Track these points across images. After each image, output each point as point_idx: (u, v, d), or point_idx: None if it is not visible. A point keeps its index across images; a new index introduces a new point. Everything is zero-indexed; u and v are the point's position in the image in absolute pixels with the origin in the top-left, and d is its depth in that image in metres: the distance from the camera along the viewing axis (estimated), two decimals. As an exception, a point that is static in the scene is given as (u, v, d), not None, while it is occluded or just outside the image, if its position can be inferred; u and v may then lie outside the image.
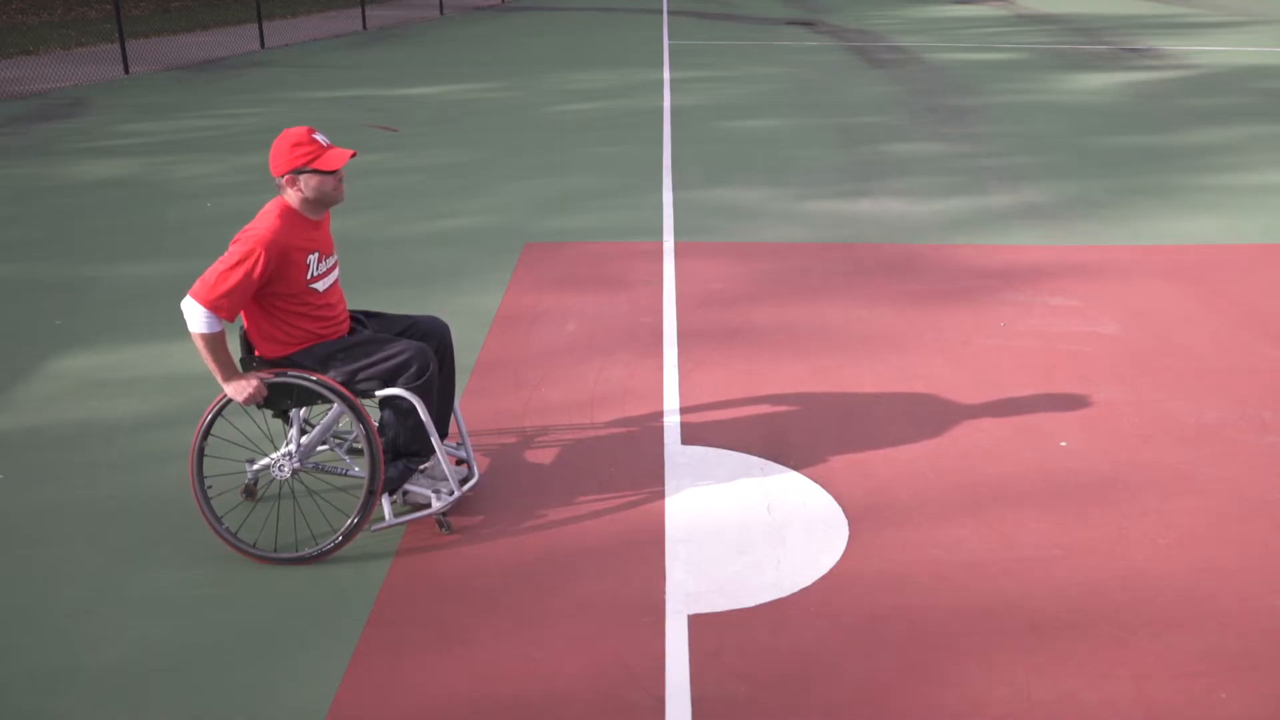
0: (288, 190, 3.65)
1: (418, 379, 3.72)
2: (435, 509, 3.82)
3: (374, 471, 3.65)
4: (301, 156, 3.60)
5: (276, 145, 3.63)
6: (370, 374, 3.72)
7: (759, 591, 3.52)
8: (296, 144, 3.60)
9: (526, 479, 4.23)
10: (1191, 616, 3.38)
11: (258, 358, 3.78)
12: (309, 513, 3.99)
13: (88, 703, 3.03)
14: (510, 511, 4.00)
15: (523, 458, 4.40)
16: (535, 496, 4.11)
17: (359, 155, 10.19)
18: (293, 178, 3.62)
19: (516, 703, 3.02)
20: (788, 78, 15.37)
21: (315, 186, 3.64)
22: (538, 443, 4.53)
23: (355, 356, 3.73)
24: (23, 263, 6.98)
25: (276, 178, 3.64)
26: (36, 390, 5.07)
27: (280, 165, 3.62)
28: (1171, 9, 27.80)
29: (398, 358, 3.71)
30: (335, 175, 3.65)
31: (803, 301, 6.20)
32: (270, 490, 4.17)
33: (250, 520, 3.96)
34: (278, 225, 3.60)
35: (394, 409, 3.78)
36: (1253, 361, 5.34)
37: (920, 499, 4.08)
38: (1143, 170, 9.49)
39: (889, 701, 3.02)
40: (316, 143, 3.62)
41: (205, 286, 3.50)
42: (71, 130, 11.48)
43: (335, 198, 3.69)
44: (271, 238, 3.56)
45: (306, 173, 3.62)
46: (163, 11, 26.92)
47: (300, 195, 3.66)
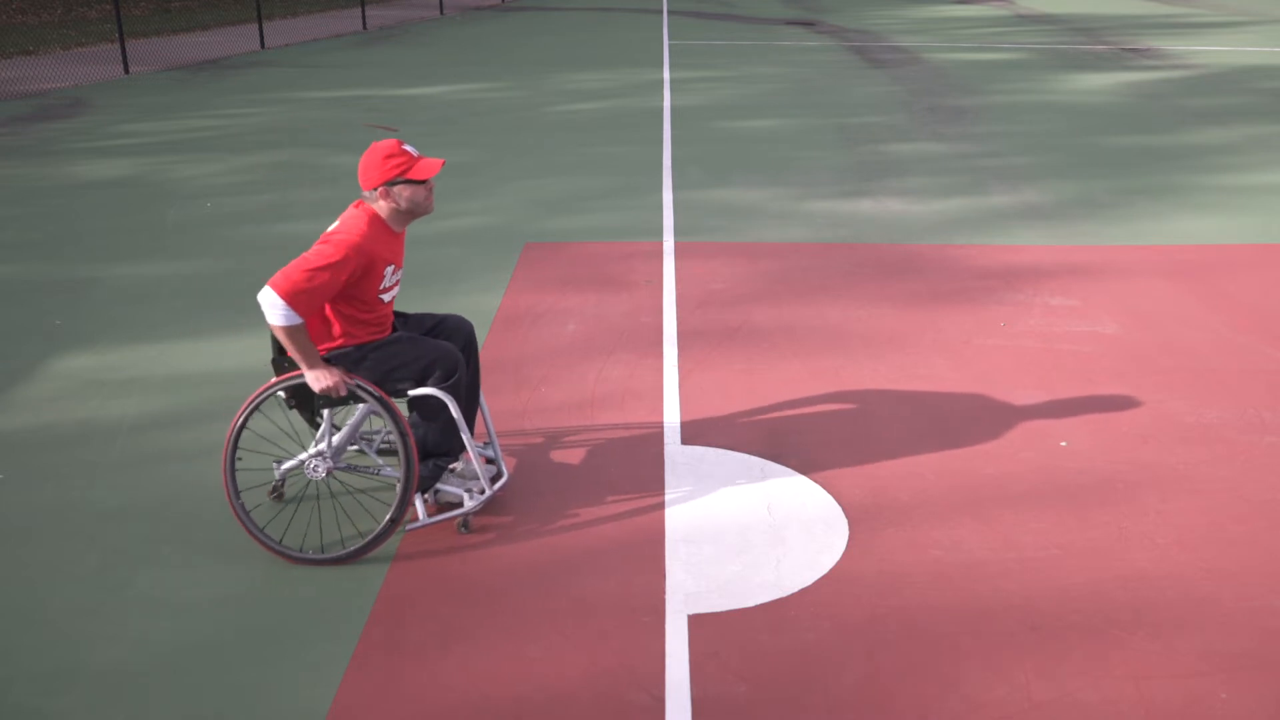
0: (380, 202, 3.66)
1: (447, 379, 3.74)
2: (468, 509, 3.82)
3: (409, 472, 3.65)
4: (395, 168, 3.61)
5: (367, 159, 3.64)
6: (402, 374, 3.73)
7: (759, 591, 3.52)
8: (389, 156, 3.62)
9: (526, 479, 4.23)
10: (1191, 616, 3.38)
11: (289, 357, 3.76)
12: (338, 513, 3.99)
13: (88, 703, 3.03)
14: (510, 511, 4.00)
15: (523, 458, 4.40)
16: (535, 497, 4.11)
17: (359, 156, 10.19)
18: (386, 190, 3.64)
19: (516, 703, 3.02)
20: (788, 78, 15.37)
21: (409, 197, 3.66)
22: (537, 443, 4.53)
23: (387, 356, 3.73)
24: (23, 263, 6.98)
25: (368, 190, 3.65)
26: (36, 390, 5.08)
27: (373, 178, 3.63)
28: (1171, 9, 27.80)
29: (426, 358, 3.72)
30: (427, 185, 3.67)
31: (803, 301, 6.20)
32: (297, 490, 4.17)
33: (278, 519, 3.95)
34: (367, 232, 3.61)
35: (425, 408, 3.79)
36: (1253, 361, 5.34)
37: (920, 499, 4.08)
38: (1143, 170, 9.49)
39: (889, 701, 3.02)
40: (408, 154, 3.64)
41: (287, 279, 3.48)
42: (71, 130, 11.48)
43: (426, 208, 3.71)
44: (362, 243, 3.57)
45: (400, 184, 3.63)
46: (163, 11, 26.92)
47: (392, 206, 3.67)
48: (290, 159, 10.04)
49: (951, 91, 14.05)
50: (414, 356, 3.73)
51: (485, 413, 4.08)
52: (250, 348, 5.55)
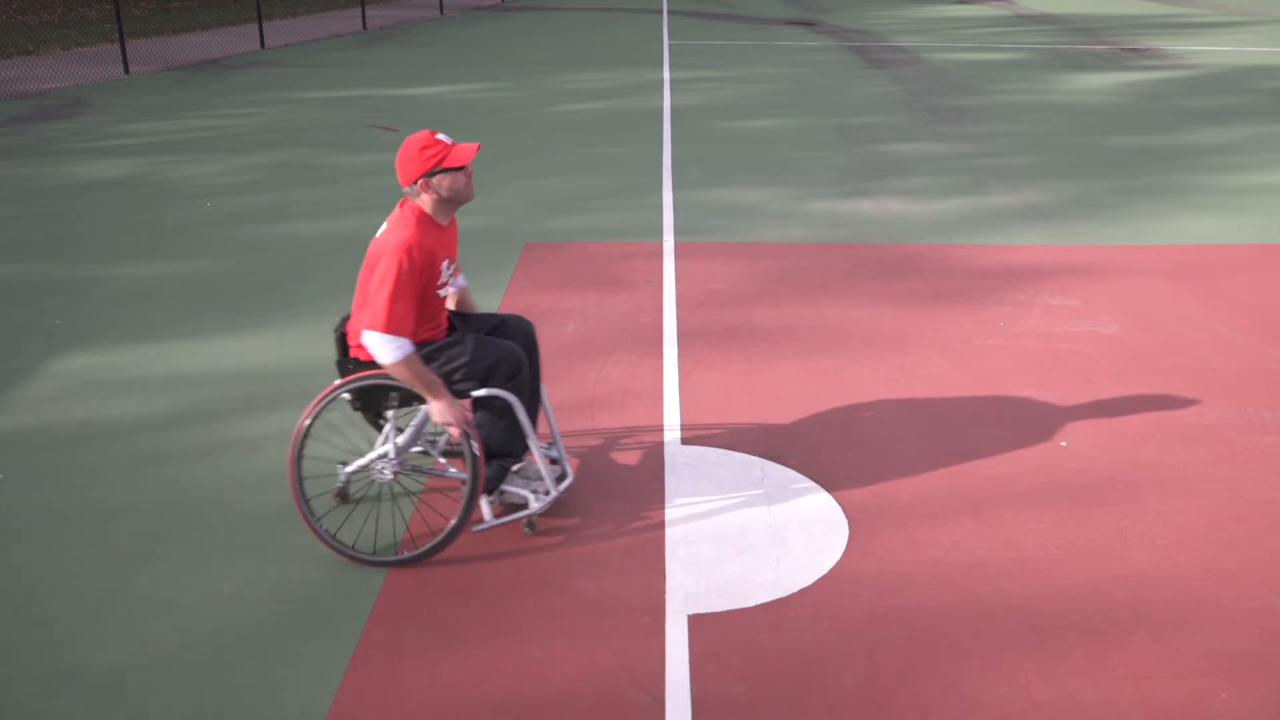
0: (421, 195, 3.63)
1: (510, 379, 3.71)
2: (534, 510, 3.80)
3: (475, 473, 3.62)
4: (431, 159, 3.58)
5: (403, 153, 3.61)
6: (466, 374, 3.70)
7: (759, 591, 3.52)
8: (424, 147, 3.59)
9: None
10: (1191, 616, 3.38)
11: (353, 359, 3.75)
12: (396, 515, 3.97)
13: (88, 703, 3.03)
14: (510, 512, 4.00)
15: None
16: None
17: (359, 156, 10.19)
18: (425, 182, 3.61)
19: (517, 703, 3.02)
20: (788, 78, 15.38)
21: (449, 185, 3.63)
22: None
23: (451, 357, 3.70)
24: (23, 263, 6.98)
25: (408, 186, 3.62)
26: (36, 390, 5.08)
27: (411, 172, 3.60)
28: (1171, 9, 27.80)
29: (490, 358, 3.70)
30: (465, 171, 3.64)
31: (803, 301, 6.21)
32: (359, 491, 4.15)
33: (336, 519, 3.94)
34: (416, 229, 3.59)
35: (489, 409, 3.76)
36: (1253, 361, 5.34)
37: (920, 499, 4.08)
38: (1143, 170, 9.49)
39: (889, 701, 3.02)
40: (441, 142, 3.61)
41: (378, 313, 3.49)
42: (71, 130, 11.48)
43: (467, 195, 3.68)
44: (414, 240, 3.55)
45: (439, 173, 3.60)
46: (163, 11, 26.92)
47: (434, 198, 3.64)
48: (290, 159, 10.04)
49: (951, 91, 14.05)
50: (477, 357, 3.70)
51: (549, 412, 4.04)
52: (250, 348, 5.56)
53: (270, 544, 3.81)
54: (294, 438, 3.71)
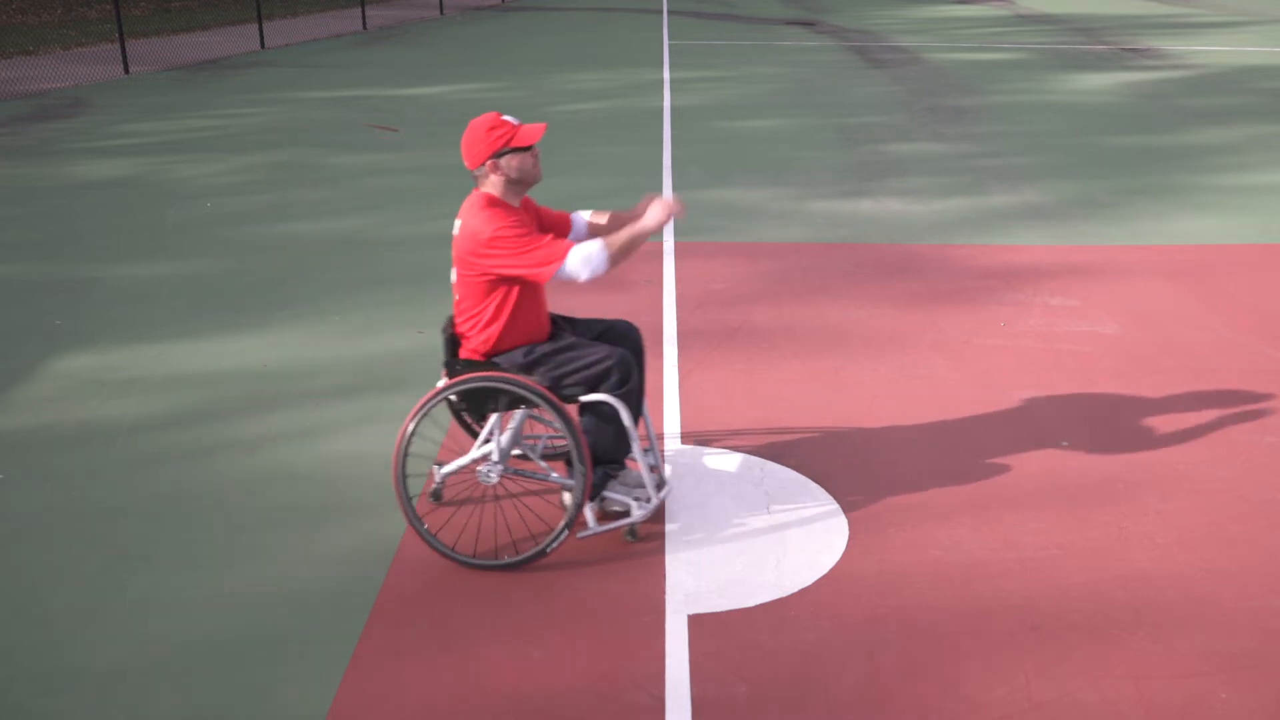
0: (490, 177, 3.61)
1: (621, 386, 3.67)
2: (637, 517, 3.77)
3: (583, 479, 3.59)
4: (498, 139, 3.56)
5: (470, 135, 3.59)
6: (575, 379, 3.67)
7: (759, 591, 3.52)
8: (491, 128, 3.57)
9: (527, 479, 4.23)
10: (1191, 616, 3.38)
11: (462, 360, 3.73)
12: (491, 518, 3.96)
13: (88, 703, 3.03)
14: (511, 511, 4.00)
15: (446, 453, 4.40)
16: (536, 496, 4.10)
17: (359, 156, 10.20)
18: (494, 163, 3.58)
19: (517, 703, 3.02)
20: (788, 78, 15.38)
21: (517, 166, 3.60)
22: (538, 444, 4.53)
23: (561, 362, 3.68)
24: (23, 263, 6.98)
25: (475, 168, 3.60)
26: (36, 390, 5.08)
27: (478, 154, 3.58)
28: (1171, 9, 27.80)
29: (602, 364, 3.65)
30: (533, 151, 3.62)
31: (803, 301, 6.21)
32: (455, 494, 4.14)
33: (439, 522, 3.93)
34: (495, 209, 3.57)
35: (596, 415, 3.71)
36: (1253, 361, 5.34)
37: (920, 499, 4.08)
38: (1142, 170, 9.49)
39: (889, 701, 3.02)
40: (508, 123, 3.58)
41: (543, 259, 3.50)
42: (71, 130, 11.48)
43: (535, 175, 3.65)
44: (499, 214, 3.54)
45: (507, 154, 3.58)
46: (163, 11, 26.92)
47: (503, 179, 3.61)
48: (290, 159, 10.04)
49: (951, 91, 14.05)
50: (589, 362, 3.66)
51: (648, 420, 3.98)
52: (250, 348, 5.56)
53: (270, 544, 3.81)
54: (398, 441, 3.66)
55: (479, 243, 3.55)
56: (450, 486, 4.17)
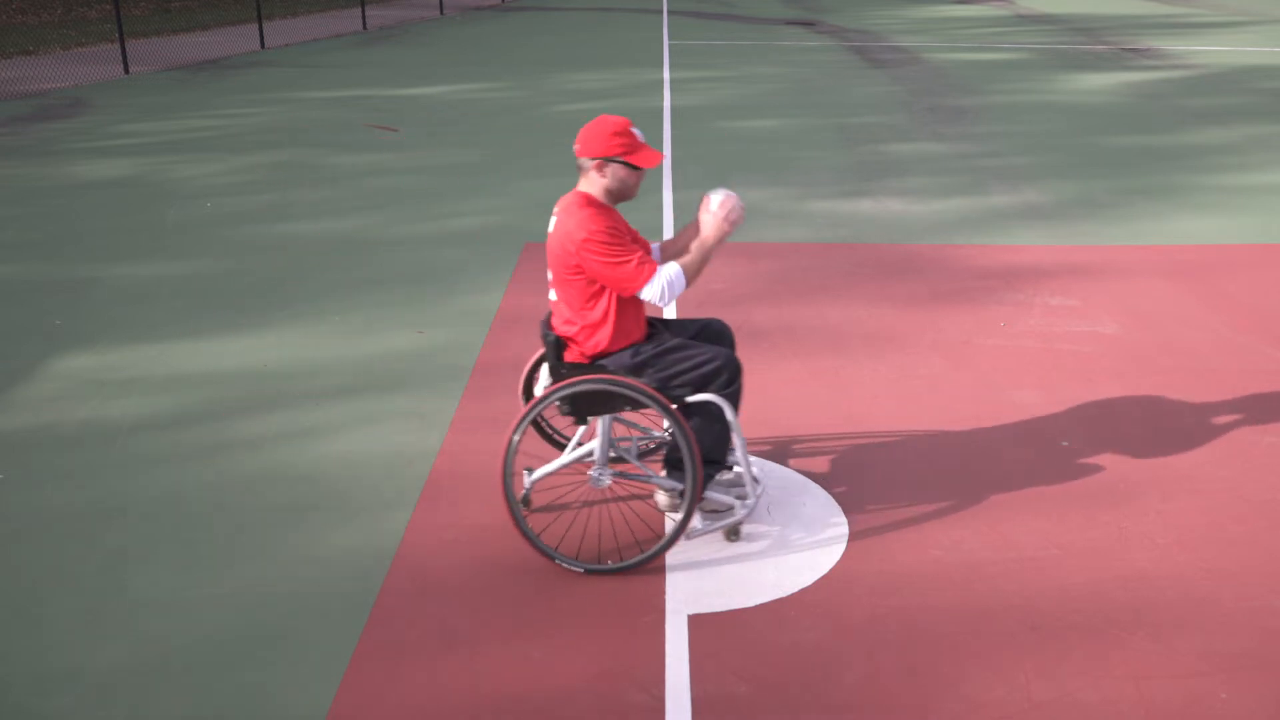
0: (591, 173, 3.61)
1: (728, 385, 3.66)
2: (740, 517, 3.76)
3: (694, 480, 3.57)
4: (619, 146, 3.56)
5: (595, 129, 3.58)
6: (684, 380, 3.66)
7: (759, 591, 3.52)
8: (617, 133, 3.56)
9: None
10: (1191, 616, 3.38)
11: (568, 364, 3.71)
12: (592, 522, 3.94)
13: (88, 703, 3.03)
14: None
15: (523, 458, 4.40)
16: (535, 496, 4.11)
17: (359, 156, 10.19)
18: (602, 164, 3.58)
19: (516, 703, 3.02)
20: (788, 78, 15.38)
21: (622, 179, 3.61)
22: (537, 443, 4.53)
23: (670, 362, 3.66)
24: (23, 263, 6.98)
25: (584, 158, 3.59)
26: (36, 390, 5.08)
27: (595, 148, 3.57)
28: (1171, 9, 27.80)
29: (710, 364, 3.64)
30: (641, 174, 3.63)
31: (803, 301, 6.21)
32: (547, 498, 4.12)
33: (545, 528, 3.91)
34: (592, 209, 3.57)
35: (701, 415, 3.69)
36: (1253, 361, 5.34)
37: (920, 499, 4.08)
38: (1143, 170, 9.49)
39: (889, 701, 3.02)
40: (634, 136, 3.58)
41: (631, 276, 3.52)
42: (71, 130, 11.48)
43: (631, 194, 3.66)
44: (596, 216, 3.53)
45: (618, 163, 3.58)
46: (163, 11, 26.93)
47: (603, 182, 3.61)
48: (290, 159, 10.04)
49: (951, 91, 14.05)
50: (698, 362, 3.65)
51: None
52: (250, 348, 5.56)
53: (270, 544, 3.81)
54: (504, 451, 3.62)
55: (574, 242, 3.54)
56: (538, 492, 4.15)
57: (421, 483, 4.21)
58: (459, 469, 4.31)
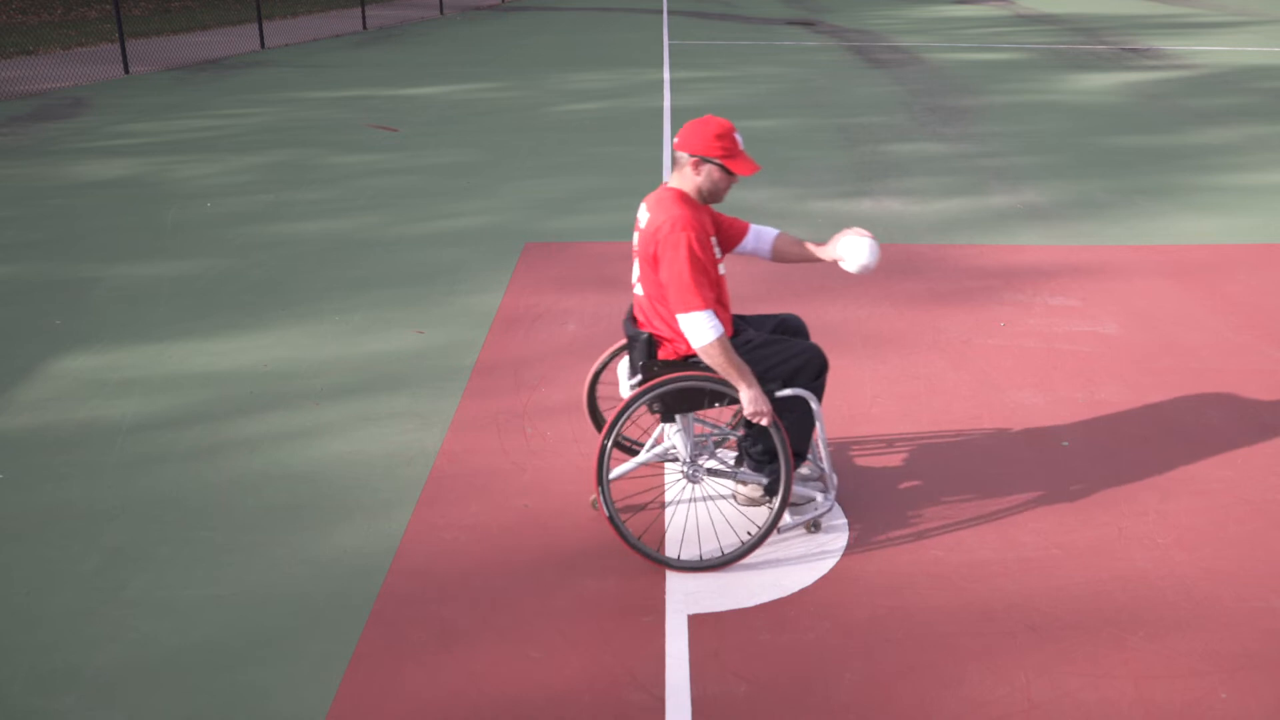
0: (687, 169, 3.60)
1: (815, 379, 3.69)
2: (821, 510, 3.79)
3: (787, 475, 3.59)
4: (719, 149, 3.56)
5: (699, 127, 3.57)
6: (772, 376, 3.67)
7: (759, 591, 3.52)
8: (720, 135, 3.56)
9: (526, 479, 4.23)
10: (1191, 616, 3.38)
11: (661, 362, 3.70)
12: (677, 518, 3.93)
13: (88, 703, 3.03)
14: (511, 512, 4.00)
15: (523, 458, 4.41)
16: (535, 496, 4.11)
17: (359, 156, 10.19)
18: (699, 163, 3.58)
19: (516, 703, 3.02)
20: (788, 78, 15.38)
21: (715, 181, 3.61)
22: (537, 443, 4.53)
23: (761, 358, 3.66)
24: (23, 263, 6.98)
25: (682, 153, 3.58)
26: (36, 390, 5.08)
27: (696, 146, 3.56)
28: (1171, 9, 27.80)
29: (798, 359, 3.67)
30: (734, 179, 3.64)
31: (802, 301, 6.20)
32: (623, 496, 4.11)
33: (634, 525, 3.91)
34: (684, 208, 3.55)
35: (789, 409, 3.72)
36: (1253, 361, 5.34)
37: (920, 499, 4.08)
38: (1143, 170, 9.49)
39: (889, 701, 3.02)
40: (735, 141, 3.59)
41: (689, 293, 3.47)
42: (71, 130, 11.48)
43: (719, 198, 3.66)
44: (688, 214, 3.52)
45: (714, 164, 3.58)
46: (163, 11, 26.93)
47: (696, 180, 3.61)
48: (290, 159, 10.04)
49: (951, 91, 14.05)
50: (785, 358, 3.67)
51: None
52: (250, 348, 5.56)
53: (270, 544, 3.81)
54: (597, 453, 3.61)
55: (659, 242, 3.52)
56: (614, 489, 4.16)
57: (421, 483, 4.21)
58: (459, 469, 4.31)
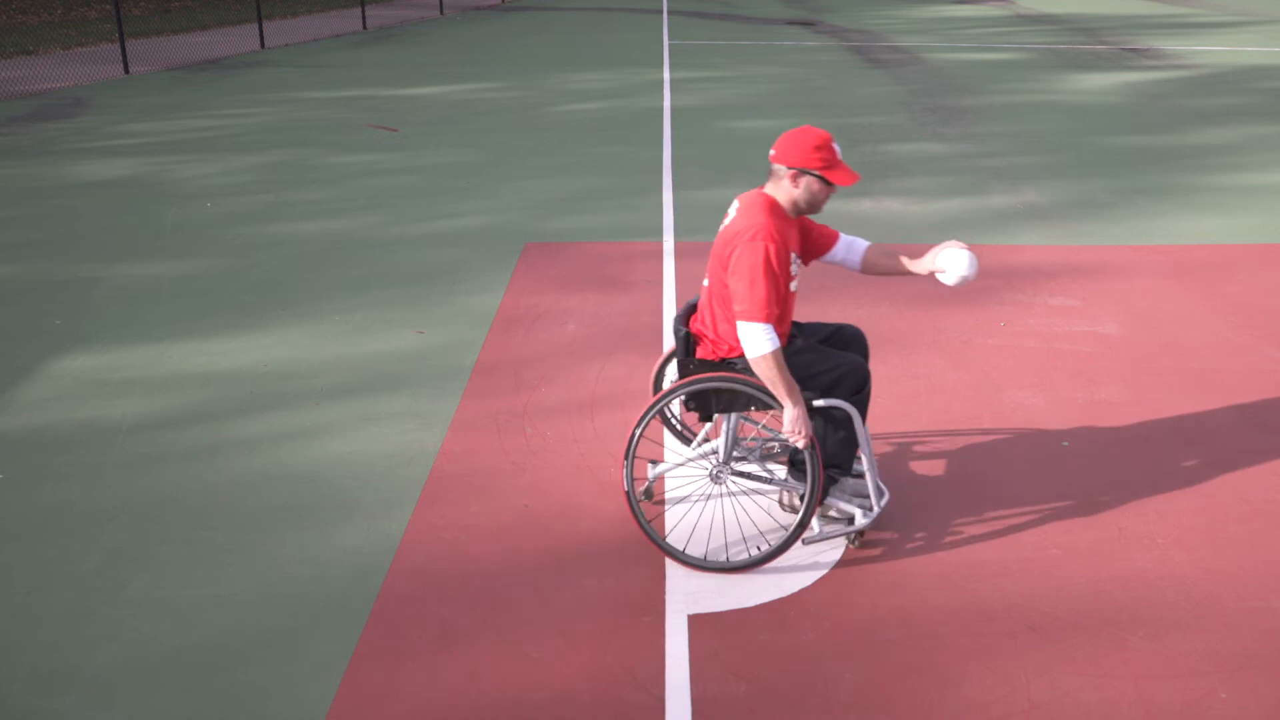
0: (784, 181, 3.56)
1: (854, 393, 3.65)
2: (860, 525, 3.71)
3: (814, 484, 3.57)
4: (819, 160, 3.51)
5: (798, 137, 3.53)
6: (810, 385, 3.64)
7: (759, 591, 3.52)
8: (820, 146, 3.51)
9: (526, 479, 4.23)
10: (1191, 616, 3.38)
11: (697, 360, 3.69)
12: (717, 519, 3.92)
13: (88, 703, 3.03)
14: (511, 512, 4.00)
15: (523, 458, 4.41)
16: (535, 496, 4.11)
17: (359, 156, 10.19)
18: (798, 175, 3.53)
19: (516, 703, 3.02)
20: (788, 78, 15.38)
21: (814, 192, 3.56)
22: (537, 443, 4.53)
23: (796, 365, 3.63)
24: (23, 263, 6.98)
25: (780, 165, 3.54)
26: (36, 390, 5.08)
27: (795, 158, 3.52)
28: (1171, 9, 27.80)
29: (837, 370, 3.63)
30: (833, 189, 3.59)
31: (803, 301, 6.20)
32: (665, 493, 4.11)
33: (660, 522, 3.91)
34: (771, 217, 3.52)
35: (827, 419, 3.69)
36: (1253, 361, 5.34)
37: (920, 499, 4.08)
38: (1143, 170, 9.49)
39: (889, 701, 3.02)
40: (834, 152, 3.54)
41: (755, 304, 3.45)
42: (71, 130, 11.48)
43: (817, 209, 3.61)
44: (772, 226, 3.49)
45: (814, 176, 3.54)
46: (163, 11, 26.93)
47: (794, 193, 3.57)
48: (290, 159, 10.04)
49: (951, 91, 14.05)
50: (825, 368, 3.63)
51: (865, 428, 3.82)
52: (250, 348, 5.56)
53: (269, 544, 3.81)
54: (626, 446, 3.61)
55: (736, 245, 3.50)
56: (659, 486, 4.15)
57: (421, 483, 4.21)
58: (459, 469, 4.31)
